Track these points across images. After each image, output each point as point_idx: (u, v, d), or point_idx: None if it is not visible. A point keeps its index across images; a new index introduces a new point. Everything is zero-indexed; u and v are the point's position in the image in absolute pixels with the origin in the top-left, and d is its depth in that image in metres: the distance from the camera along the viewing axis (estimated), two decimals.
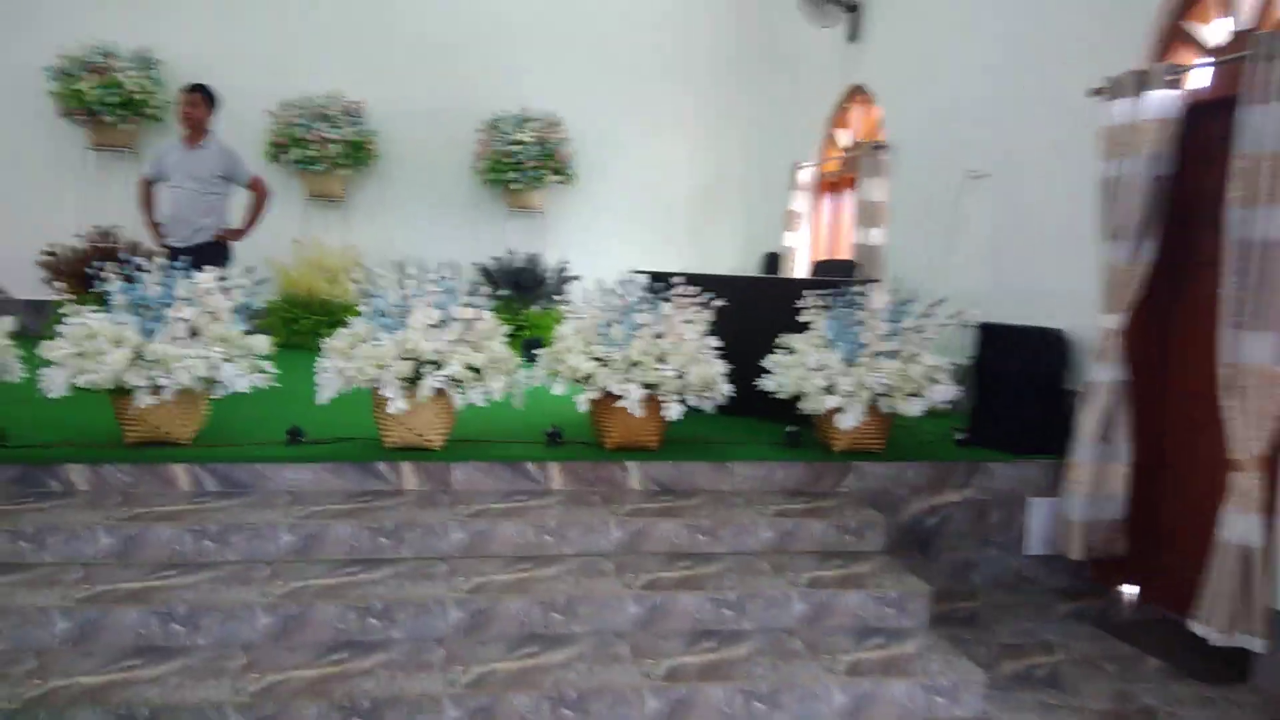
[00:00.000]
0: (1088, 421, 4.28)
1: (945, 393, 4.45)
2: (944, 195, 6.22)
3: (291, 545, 3.67)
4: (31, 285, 7.65)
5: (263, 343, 4.30)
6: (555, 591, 3.50)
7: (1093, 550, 4.30)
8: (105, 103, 7.60)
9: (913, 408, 4.36)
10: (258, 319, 8.30)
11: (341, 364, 4.02)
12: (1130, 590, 4.54)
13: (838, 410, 4.36)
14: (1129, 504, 4.31)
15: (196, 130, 5.83)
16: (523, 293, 8.67)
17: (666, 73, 9.26)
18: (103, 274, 4.10)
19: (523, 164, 8.46)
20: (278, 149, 8.21)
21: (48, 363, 3.96)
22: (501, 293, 8.55)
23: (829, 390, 4.40)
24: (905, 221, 6.92)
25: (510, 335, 8.28)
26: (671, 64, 9.25)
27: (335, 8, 8.55)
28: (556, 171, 8.65)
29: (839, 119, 8.40)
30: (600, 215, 9.23)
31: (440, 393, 4.07)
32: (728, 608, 3.57)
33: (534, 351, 5.10)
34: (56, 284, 7.55)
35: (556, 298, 7.20)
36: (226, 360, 4.10)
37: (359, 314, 4.19)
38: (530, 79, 8.91)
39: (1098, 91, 4.44)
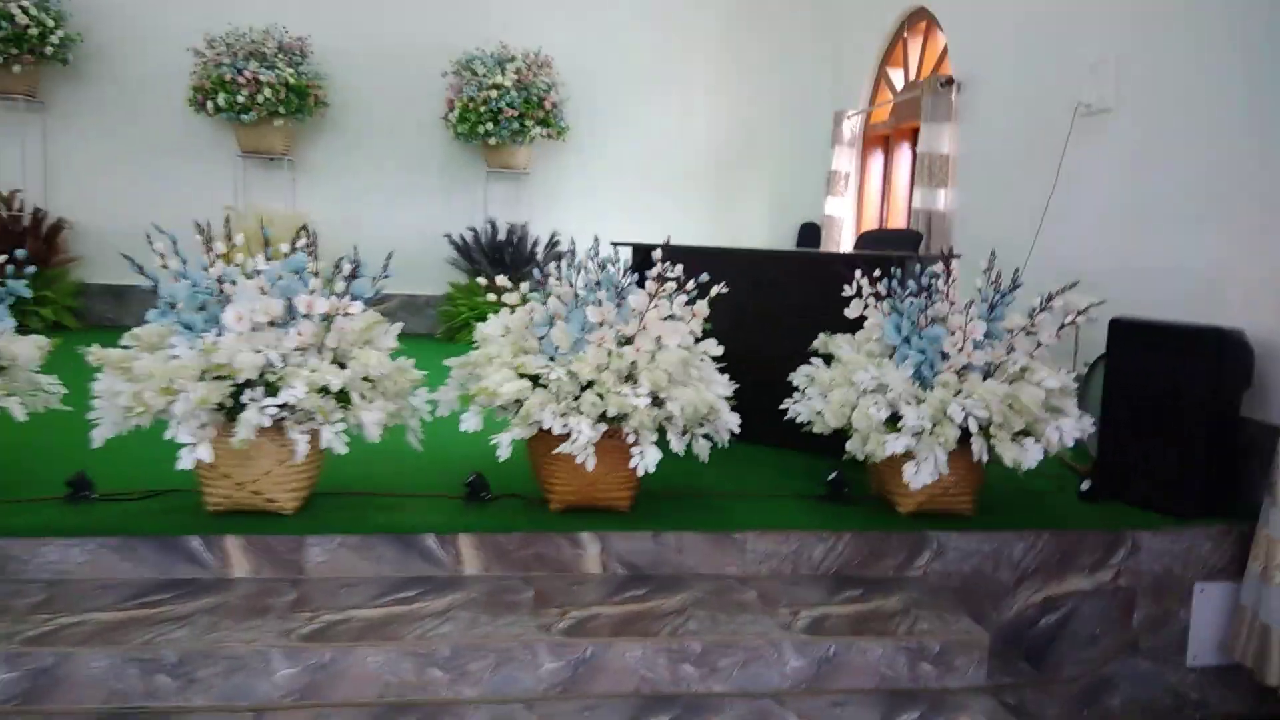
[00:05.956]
0: None
1: (1074, 429, 2.89)
2: (1043, 142, 4.61)
3: (9, 689, 2.23)
4: None
5: (29, 348, 2.84)
6: None
7: None
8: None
9: (1026, 454, 2.79)
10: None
11: (120, 386, 2.54)
12: None
13: (906, 457, 2.82)
14: None
15: None
16: (507, 272, 7.17)
17: (677, 3, 7.65)
18: None
19: (501, 113, 6.88)
20: (202, 94, 6.72)
21: None
22: (483, 271, 7.10)
23: (893, 424, 2.86)
24: (984, 180, 5.31)
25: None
26: None
27: None
28: (543, 123, 7.07)
29: (892, 55, 6.77)
30: (600, 180, 7.63)
31: (278, 429, 2.58)
32: None
33: None
34: None
35: (546, 278, 5.68)
36: None
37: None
38: (510, 12, 7.34)
39: None
